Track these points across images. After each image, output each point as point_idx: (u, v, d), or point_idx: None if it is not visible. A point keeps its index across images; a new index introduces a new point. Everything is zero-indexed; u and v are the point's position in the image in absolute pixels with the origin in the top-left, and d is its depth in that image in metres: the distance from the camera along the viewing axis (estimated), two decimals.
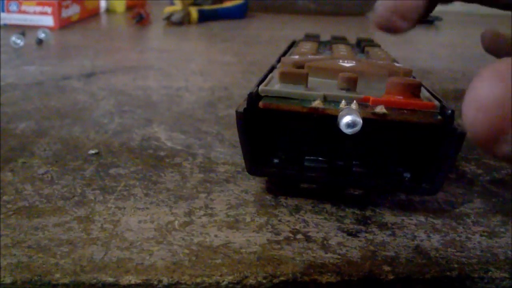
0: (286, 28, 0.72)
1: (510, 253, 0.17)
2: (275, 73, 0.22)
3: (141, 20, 0.67)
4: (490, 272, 0.16)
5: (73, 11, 0.66)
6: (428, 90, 0.21)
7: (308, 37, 0.36)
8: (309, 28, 0.56)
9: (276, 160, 0.20)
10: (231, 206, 0.20)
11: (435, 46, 0.60)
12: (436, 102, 0.19)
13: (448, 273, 0.16)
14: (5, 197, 0.19)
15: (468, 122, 0.12)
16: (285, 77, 0.20)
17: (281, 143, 0.20)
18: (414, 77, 0.22)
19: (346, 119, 0.17)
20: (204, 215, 0.19)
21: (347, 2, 0.85)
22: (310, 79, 0.20)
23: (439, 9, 0.26)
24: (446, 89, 0.39)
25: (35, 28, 0.57)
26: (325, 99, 0.19)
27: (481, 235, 0.18)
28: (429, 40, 0.64)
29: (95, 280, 0.15)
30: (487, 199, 0.21)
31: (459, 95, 0.38)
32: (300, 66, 0.22)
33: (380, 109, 0.18)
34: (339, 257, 0.17)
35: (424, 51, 0.57)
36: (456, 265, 0.16)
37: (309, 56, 0.24)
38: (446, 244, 0.18)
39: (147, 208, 0.19)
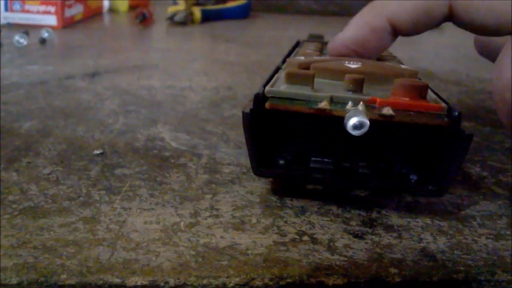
0: (289, 28, 0.72)
1: None
2: (281, 74, 0.22)
3: (144, 19, 0.67)
4: (497, 275, 0.16)
5: (76, 10, 0.66)
6: (434, 92, 0.21)
7: (312, 38, 0.36)
8: (312, 29, 0.56)
9: (282, 161, 0.20)
10: (237, 207, 0.20)
11: (439, 47, 0.60)
12: (443, 104, 0.19)
13: (454, 276, 0.16)
14: (10, 197, 0.19)
15: None
16: (292, 78, 0.20)
17: (287, 144, 0.20)
18: (419, 79, 0.22)
19: (353, 121, 0.17)
20: (210, 216, 0.19)
21: (350, 2, 0.85)
22: (316, 80, 0.20)
23: None
24: (451, 90, 0.39)
25: (39, 27, 0.56)
26: (331, 100, 0.19)
27: (487, 238, 0.18)
28: (433, 41, 0.64)
29: (101, 281, 0.15)
30: (493, 202, 0.21)
31: (464, 96, 0.38)
32: (305, 67, 0.22)
33: (387, 110, 0.18)
34: (345, 259, 0.16)
35: (428, 52, 0.57)
36: (462, 268, 0.16)
37: (315, 57, 0.24)
38: (453, 246, 0.18)
39: (153, 209, 0.19)
